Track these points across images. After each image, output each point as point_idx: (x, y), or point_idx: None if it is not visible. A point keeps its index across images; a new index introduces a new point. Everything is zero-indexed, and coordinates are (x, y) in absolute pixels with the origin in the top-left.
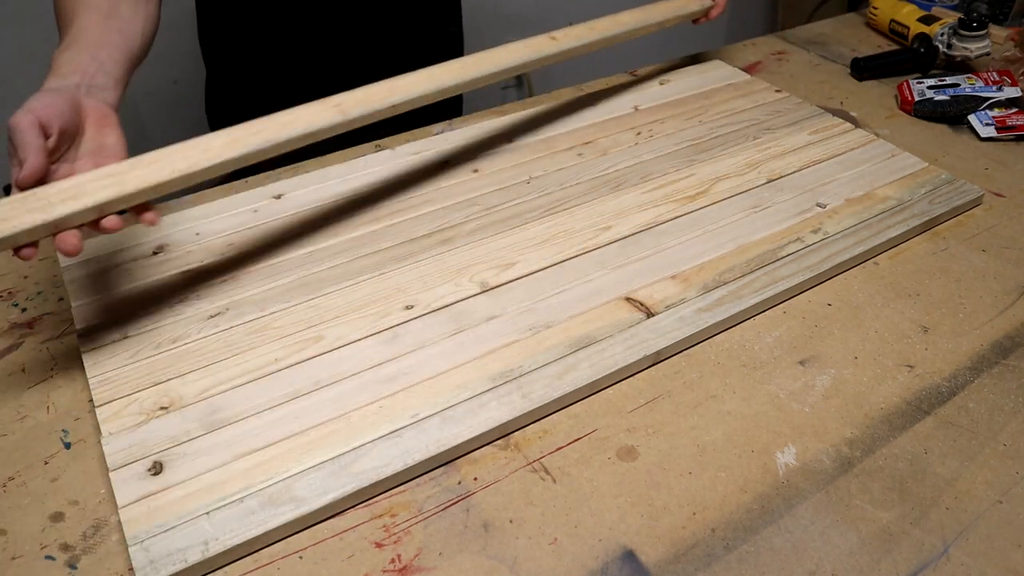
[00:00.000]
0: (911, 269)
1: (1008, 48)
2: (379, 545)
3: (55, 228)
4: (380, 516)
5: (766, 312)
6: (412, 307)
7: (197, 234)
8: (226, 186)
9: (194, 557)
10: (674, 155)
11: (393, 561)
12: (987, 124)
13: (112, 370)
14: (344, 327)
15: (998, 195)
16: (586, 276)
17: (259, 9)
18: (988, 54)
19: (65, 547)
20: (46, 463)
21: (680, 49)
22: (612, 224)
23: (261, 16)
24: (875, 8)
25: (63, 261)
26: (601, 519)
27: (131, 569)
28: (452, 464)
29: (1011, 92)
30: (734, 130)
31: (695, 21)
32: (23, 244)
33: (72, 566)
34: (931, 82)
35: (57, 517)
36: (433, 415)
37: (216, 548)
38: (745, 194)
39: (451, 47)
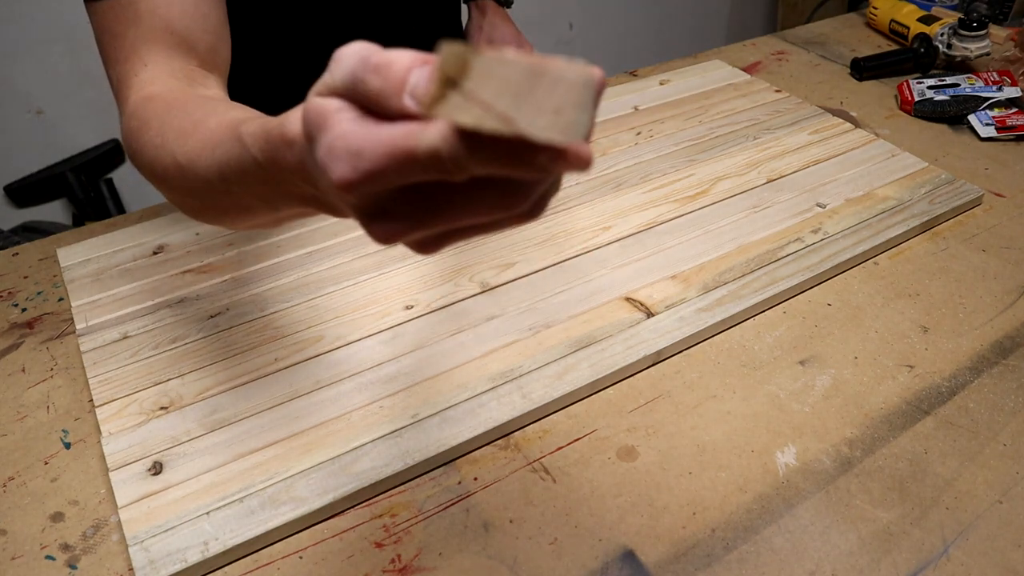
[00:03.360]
0: (911, 269)
1: (1008, 48)
2: (379, 545)
3: None
4: (380, 516)
5: (766, 312)
6: (412, 307)
7: (197, 234)
8: None
9: (194, 557)
10: (674, 155)
11: (393, 561)
12: (987, 124)
13: (112, 370)
14: (344, 327)
15: (998, 195)
16: (586, 276)
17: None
18: (988, 54)
19: (65, 547)
20: (46, 463)
21: (680, 49)
22: (612, 224)
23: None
24: (875, 8)
25: (63, 261)
26: (601, 519)
27: (131, 569)
28: (452, 464)
29: (1011, 92)
30: (734, 130)
31: None
32: None
33: (72, 566)
34: (931, 82)
35: (57, 517)
36: (433, 415)
37: (216, 548)
38: (745, 194)
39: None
